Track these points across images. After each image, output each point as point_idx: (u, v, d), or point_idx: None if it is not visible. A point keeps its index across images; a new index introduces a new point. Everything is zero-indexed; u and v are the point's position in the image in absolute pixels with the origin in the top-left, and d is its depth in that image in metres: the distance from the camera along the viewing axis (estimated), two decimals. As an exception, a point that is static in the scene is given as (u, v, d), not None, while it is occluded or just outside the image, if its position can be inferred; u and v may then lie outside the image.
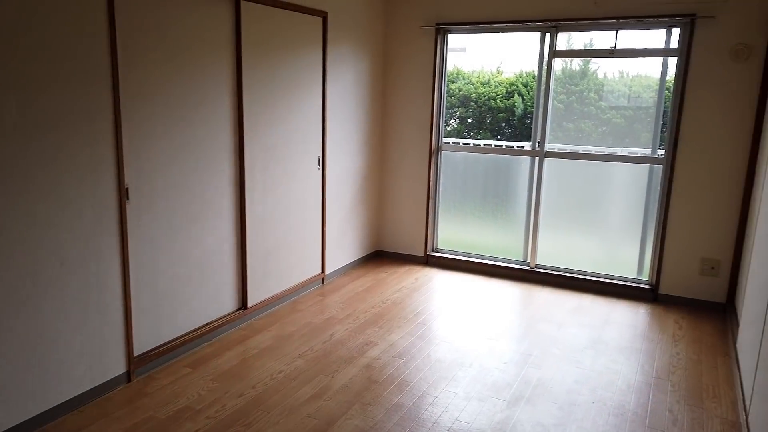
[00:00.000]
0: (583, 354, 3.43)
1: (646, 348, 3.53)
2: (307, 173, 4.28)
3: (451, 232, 5.26)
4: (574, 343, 3.58)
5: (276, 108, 3.89)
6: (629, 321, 3.95)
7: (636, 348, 3.52)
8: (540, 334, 3.71)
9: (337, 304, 4.18)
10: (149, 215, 3.06)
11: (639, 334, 3.73)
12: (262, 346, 3.48)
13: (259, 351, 3.42)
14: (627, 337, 3.68)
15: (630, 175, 4.52)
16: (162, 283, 3.19)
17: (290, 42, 3.95)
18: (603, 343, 3.59)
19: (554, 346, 3.54)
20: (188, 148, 3.26)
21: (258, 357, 3.34)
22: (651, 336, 3.70)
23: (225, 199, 3.56)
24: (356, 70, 4.72)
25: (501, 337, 3.65)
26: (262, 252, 3.91)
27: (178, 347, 3.32)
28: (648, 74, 4.56)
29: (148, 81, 2.97)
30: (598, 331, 3.76)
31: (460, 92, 5.29)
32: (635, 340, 3.64)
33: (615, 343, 3.59)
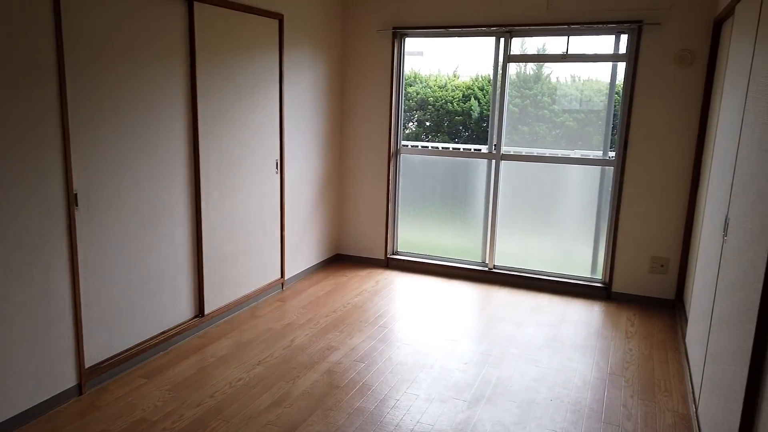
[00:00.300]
0: (541, 352, 3.50)
1: (600, 345, 3.62)
2: (265, 177, 4.22)
3: (411, 235, 5.29)
4: (532, 342, 3.65)
5: (232, 111, 3.82)
6: (584, 319, 4.06)
7: (591, 345, 3.62)
8: (499, 334, 3.76)
9: (297, 309, 4.13)
10: (100, 222, 2.96)
11: (594, 332, 3.83)
12: (220, 354, 3.41)
13: (217, 359, 3.35)
14: (582, 335, 3.77)
15: (583, 176, 4.65)
16: (115, 292, 3.09)
17: (246, 44, 3.89)
18: (559, 341, 3.67)
19: (513, 345, 3.60)
20: (141, 152, 3.16)
21: (216, 365, 3.27)
22: (605, 333, 3.81)
23: (180, 204, 3.48)
24: (314, 73, 4.70)
25: (461, 338, 3.69)
26: (219, 257, 3.83)
27: (133, 357, 3.22)
28: (598, 78, 4.70)
29: (98, 83, 2.88)
30: (554, 330, 3.84)
31: (418, 96, 5.33)
32: (590, 337, 3.74)
33: (571, 341, 3.68)
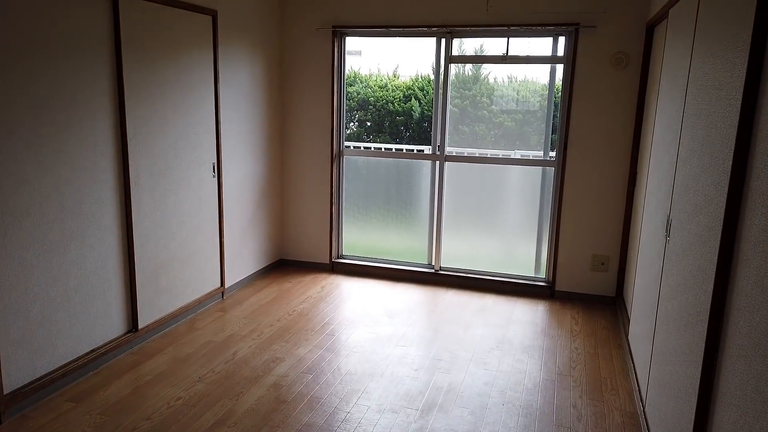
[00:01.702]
0: (490, 355, 3.49)
1: (547, 345, 3.65)
2: (201, 181, 4.01)
3: (355, 238, 5.19)
4: (481, 344, 3.64)
5: (164, 111, 3.60)
6: (530, 319, 4.09)
7: (538, 345, 3.64)
8: (448, 337, 3.72)
9: (239, 319, 3.95)
10: (16, 233, 2.70)
11: (540, 332, 3.86)
12: (156, 372, 3.19)
13: (153, 377, 3.13)
14: (529, 335, 3.79)
15: (525, 177, 4.70)
16: (35, 309, 2.83)
17: (178, 42, 3.67)
18: (508, 342, 3.67)
19: (462, 348, 3.57)
20: (61, 157, 2.91)
21: (152, 384, 3.06)
22: (551, 332, 3.85)
23: (107, 212, 3.23)
24: (251, 72, 4.51)
25: (410, 344, 3.62)
26: (152, 268, 3.60)
27: (58, 380, 2.96)
28: (535, 79, 4.77)
29: (8, 84, 2.61)
30: (502, 331, 3.84)
31: (359, 96, 5.25)
32: (537, 337, 3.77)
33: (519, 341, 3.69)
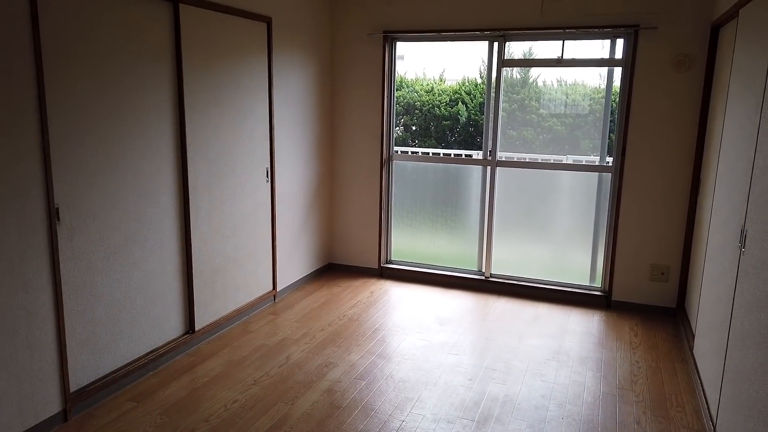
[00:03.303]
0: (546, 366, 3.40)
1: (606, 357, 3.54)
2: (255, 186, 4.06)
3: (404, 243, 5.16)
4: (536, 355, 3.55)
5: (221, 117, 3.66)
6: (586, 329, 3.97)
7: (596, 358, 3.53)
8: (501, 347, 3.65)
9: (292, 323, 3.98)
10: (83, 237, 2.78)
11: (597, 343, 3.74)
12: (212, 374, 3.24)
13: (210, 379, 3.18)
14: (586, 347, 3.68)
15: (579, 182, 4.58)
16: (99, 310, 2.91)
17: (235, 48, 3.74)
18: (564, 353, 3.58)
19: (517, 358, 3.49)
20: (126, 163, 2.99)
21: (209, 386, 3.11)
22: (609, 344, 3.73)
23: (167, 216, 3.31)
24: (304, 77, 4.55)
25: (463, 352, 3.57)
26: (209, 271, 3.66)
27: (120, 379, 3.04)
28: (585, 82, 4.64)
29: (79, 89, 2.70)
30: (557, 342, 3.74)
31: (404, 100, 5.23)
32: (595, 349, 3.65)
33: (576, 353, 3.59)
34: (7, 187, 2.40)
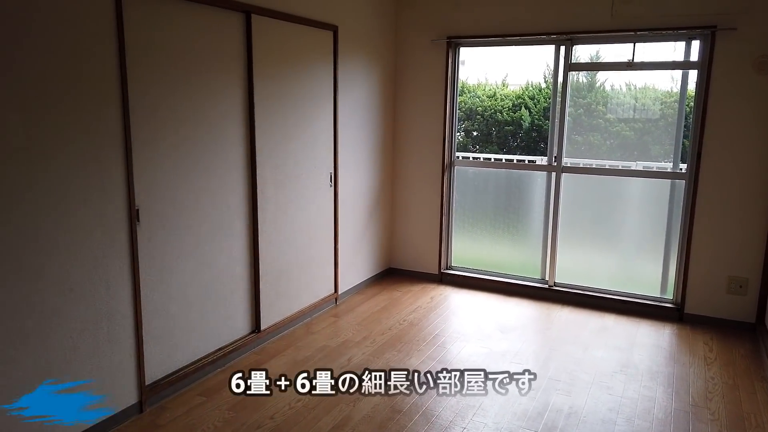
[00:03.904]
0: (614, 379, 3.29)
1: (678, 372, 3.38)
2: (319, 190, 4.15)
3: (465, 249, 5.13)
4: (602, 367, 3.44)
5: (287, 124, 3.77)
6: (656, 342, 3.81)
7: (668, 372, 3.38)
8: (566, 357, 3.56)
9: (353, 326, 4.03)
10: (160, 237, 2.93)
11: (669, 357, 3.59)
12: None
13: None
14: (657, 361, 3.53)
15: (649, 189, 4.41)
16: (174, 307, 3.05)
17: (301, 56, 3.84)
18: (633, 366, 3.45)
19: (582, 370, 3.40)
20: (199, 167, 3.13)
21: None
22: (681, 359, 3.56)
23: (237, 218, 3.43)
24: (367, 84, 4.62)
25: (525, 362, 3.51)
26: (274, 272, 3.77)
27: (191, 374, 3.17)
28: (656, 86, 4.48)
29: (158, 98, 2.85)
30: (626, 354, 3.61)
31: (466, 105, 5.21)
32: (666, 363, 3.50)
33: (645, 366, 3.45)
34: (93, 190, 2.56)
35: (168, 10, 2.86)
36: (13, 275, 2.28)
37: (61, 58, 2.38)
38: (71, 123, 2.44)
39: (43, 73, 2.32)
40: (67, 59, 2.40)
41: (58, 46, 2.36)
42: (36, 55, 2.29)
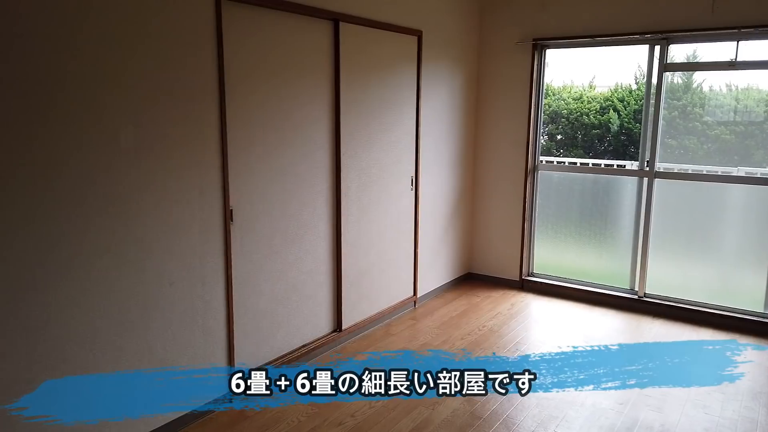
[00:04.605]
0: (710, 397, 3.09)
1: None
2: (400, 194, 4.19)
3: (548, 256, 5.00)
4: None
5: (371, 128, 3.84)
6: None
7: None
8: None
9: (431, 329, 4.03)
10: (251, 236, 3.07)
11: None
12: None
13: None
14: (759, 380, 3.29)
15: (754, 197, 4.11)
16: (262, 304, 3.19)
17: (386, 61, 3.90)
18: (732, 385, 3.22)
19: (675, 386, 3.22)
20: (288, 170, 3.25)
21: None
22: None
23: (322, 220, 3.53)
24: (450, 87, 4.62)
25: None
26: (356, 273, 3.84)
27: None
28: (759, 86, 4.17)
29: (251, 104, 3.00)
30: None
31: (550, 108, 5.08)
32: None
33: (746, 386, 3.22)
34: (193, 191, 2.72)
35: (262, 20, 3.00)
36: (117, 270, 2.47)
37: (168, 71, 2.55)
38: (175, 129, 2.61)
39: (152, 85, 2.50)
40: (172, 72, 2.57)
41: (166, 61, 2.54)
42: (146, 64, 2.47)
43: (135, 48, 2.42)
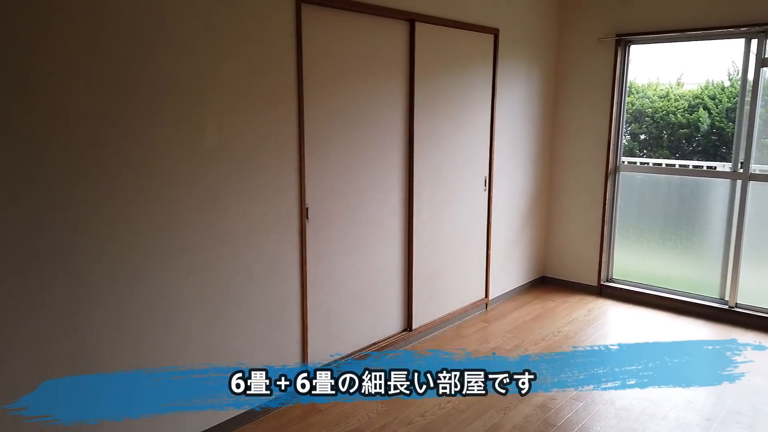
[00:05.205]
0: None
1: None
2: (473, 194, 4.14)
3: (628, 261, 4.77)
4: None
5: (444, 127, 3.81)
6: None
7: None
8: (749, 387, 3.16)
9: (503, 333, 3.96)
10: (325, 234, 3.13)
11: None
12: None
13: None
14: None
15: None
16: (334, 301, 3.24)
17: (460, 60, 3.86)
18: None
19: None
20: (362, 169, 3.29)
21: (424, 383, 3.24)
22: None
23: (394, 219, 3.55)
24: (527, 86, 4.51)
25: (700, 387, 3.17)
26: (427, 274, 3.83)
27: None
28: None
29: (327, 105, 3.06)
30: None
31: (633, 107, 4.84)
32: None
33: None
34: (272, 189, 2.81)
35: (339, 23, 3.05)
36: (203, 265, 2.59)
37: (250, 74, 2.65)
38: (256, 129, 2.71)
39: (236, 87, 2.60)
40: (254, 74, 2.67)
41: (249, 64, 2.64)
42: (232, 73, 2.58)
43: (222, 53, 2.53)
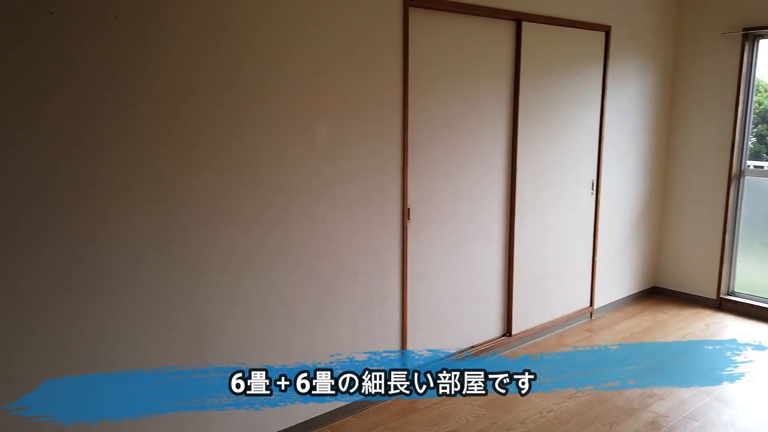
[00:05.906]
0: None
1: None
2: (579, 198, 3.99)
3: (753, 274, 4.38)
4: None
5: (549, 128, 3.71)
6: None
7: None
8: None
9: (609, 344, 3.78)
10: (425, 235, 3.16)
11: None
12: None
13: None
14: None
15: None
16: (433, 301, 3.26)
17: (568, 60, 3.74)
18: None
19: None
20: (463, 170, 3.28)
21: (524, 390, 3.18)
22: None
23: (495, 222, 3.50)
24: (640, 85, 4.28)
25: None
26: (528, 279, 3.75)
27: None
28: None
29: (431, 107, 3.08)
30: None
31: (761, 106, 4.44)
32: None
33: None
34: (376, 190, 2.88)
35: (445, 24, 3.07)
36: (309, 261, 2.70)
37: (358, 78, 2.74)
38: (362, 131, 2.79)
39: (343, 90, 2.70)
40: (362, 78, 2.75)
41: (357, 67, 2.72)
42: (340, 76, 2.67)
43: (332, 57, 2.64)
